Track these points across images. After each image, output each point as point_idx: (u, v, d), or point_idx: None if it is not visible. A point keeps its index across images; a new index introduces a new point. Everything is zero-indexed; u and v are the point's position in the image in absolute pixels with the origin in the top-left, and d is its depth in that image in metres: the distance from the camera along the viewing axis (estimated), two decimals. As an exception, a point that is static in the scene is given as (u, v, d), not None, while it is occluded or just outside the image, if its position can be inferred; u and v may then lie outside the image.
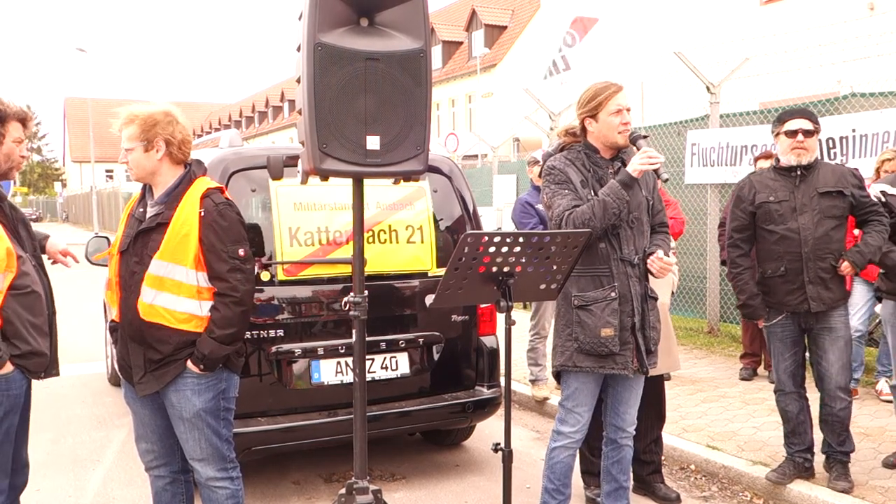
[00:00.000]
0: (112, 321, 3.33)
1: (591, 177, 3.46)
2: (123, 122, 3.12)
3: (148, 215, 3.14)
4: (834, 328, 4.15)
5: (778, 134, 4.17)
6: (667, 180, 3.48)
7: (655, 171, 3.40)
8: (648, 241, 3.57)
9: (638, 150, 3.39)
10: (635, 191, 3.47)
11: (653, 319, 3.54)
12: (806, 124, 4.11)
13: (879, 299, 4.60)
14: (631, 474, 3.78)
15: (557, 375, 3.63)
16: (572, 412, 3.57)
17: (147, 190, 3.23)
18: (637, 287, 3.47)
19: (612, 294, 3.41)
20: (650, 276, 3.78)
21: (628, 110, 3.46)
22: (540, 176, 3.74)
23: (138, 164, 3.12)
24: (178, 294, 3.06)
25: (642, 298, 3.50)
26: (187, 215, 3.05)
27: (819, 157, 4.25)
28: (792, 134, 4.11)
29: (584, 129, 3.53)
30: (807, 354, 4.33)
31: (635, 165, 3.34)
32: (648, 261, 3.49)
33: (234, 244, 3.10)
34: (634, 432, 3.71)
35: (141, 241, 3.10)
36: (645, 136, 3.46)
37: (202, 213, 3.06)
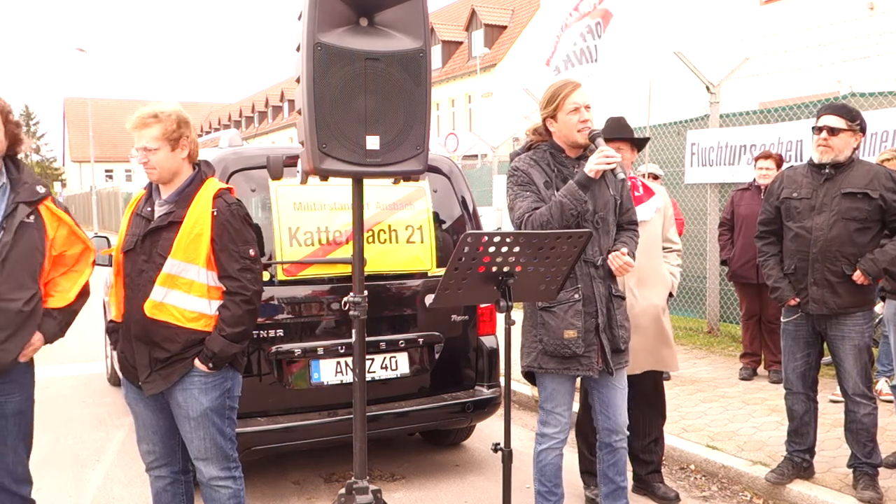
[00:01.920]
0: (111, 321, 3.32)
1: (555, 177, 3.44)
2: (144, 122, 3.08)
3: (157, 214, 3.14)
4: (847, 336, 4.04)
5: (813, 127, 4.08)
6: (623, 180, 3.42)
7: (612, 170, 3.34)
8: (612, 240, 3.53)
9: (597, 148, 3.35)
10: (602, 190, 3.45)
11: (620, 318, 3.52)
12: (833, 121, 3.97)
13: (883, 298, 4.58)
14: (629, 474, 3.77)
15: (527, 375, 3.64)
16: (552, 413, 3.57)
17: (154, 189, 3.22)
18: (601, 288, 3.45)
19: (576, 296, 3.41)
20: (640, 276, 3.76)
21: (587, 108, 3.41)
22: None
23: (163, 165, 3.11)
24: (189, 293, 3.07)
25: (607, 299, 3.48)
26: (200, 214, 3.07)
27: (856, 157, 4.07)
28: (818, 130, 4.02)
29: (548, 131, 3.52)
30: (825, 358, 4.27)
31: (591, 165, 3.30)
32: (609, 257, 3.46)
33: (244, 244, 3.15)
34: (628, 433, 3.69)
35: (150, 240, 3.11)
36: (600, 134, 3.40)
37: (215, 213, 3.09)
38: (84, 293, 3.31)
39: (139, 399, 3.25)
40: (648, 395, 4.29)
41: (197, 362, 3.12)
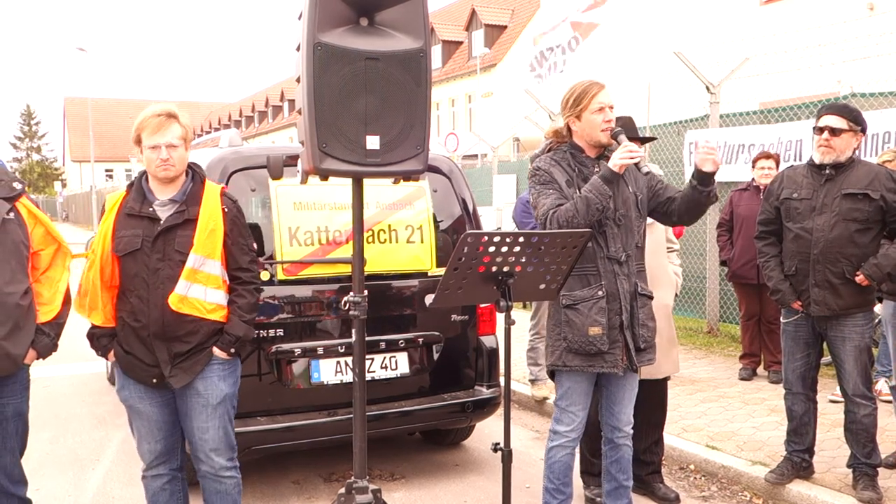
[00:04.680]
0: (97, 328, 3.25)
1: (576, 176, 3.46)
2: (167, 120, 3.17)
3: (165, 214, 3.20)
4: (847, 337, 4.02)
5: (814, 128, 4.05)
6: (648, 174, 3.45)
7: (636, 164, 3.36)
8: (639, 237, 3.55)
9: (619, 144, 3.38)
10: (621, 187, 3.46)
11: (643, 317, 3.53)
12: (835, 122, 3.94)
13: (880, 299, 4.57)
14: (631, 473, 3.78)
15: (552, 374, 3.65)
16: (566, 411, 3.58)
17: (147, 190, 3.24)
18: (625, 285, 3.46)
19: (600, 293, 3.42)
20: (650, 276, 3.77)
21: (611, 108, 3.45)
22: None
23: (182, 161, 3.23)
24: (207, 285, 3.19)
25: (631, 296, 3.48)
26: (212, 211, 3.21)
27: (856, 157, 4.04)
28: (819, 131, 3.99)
29: (569, 130, 3.55)
30: (825, 359, 4.26)
31: (615, 160, 3.33)
32: (698, 146, 3.37)
33: (250, 238, 3.40)
34: (631, 431, 3.70)
35: (163, 239, 3.17)
36: (622, 132, 3.44)
37: (225, 210, 3.26)
38: (67, 301, 3.32)
39: (144, 397, 3.28)
40: (653, 398, 4.30)
41: (216, 350, 3.26)
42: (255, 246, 3.41)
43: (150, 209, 3.21)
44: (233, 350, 3.28)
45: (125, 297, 3.21)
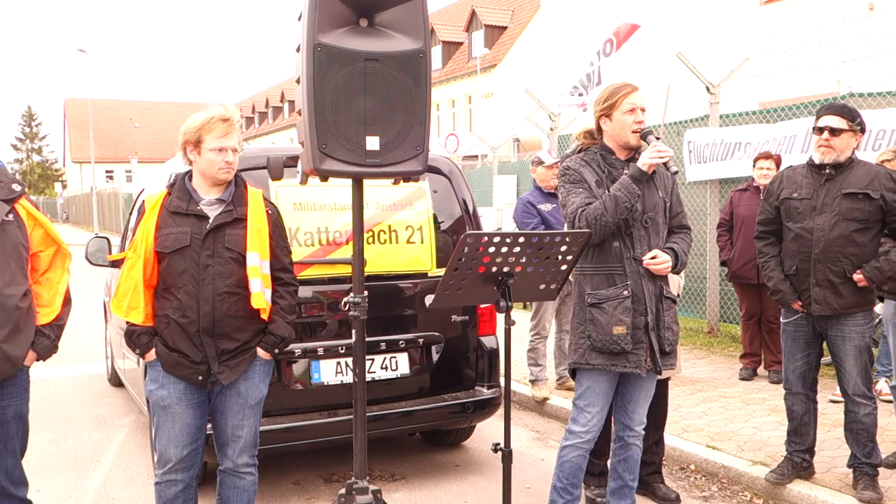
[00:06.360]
0: (136, 326, 3.23)
1: (605, 177, 3.49)
2: (232, 125, 3.26)
3: (214, 213, 3.25)
4: (847, 336, 4.03)
5: (813, 128, 4.06)
6: (676, 173, 3.50)
7: (665, 164, 3.42)
8: (663, 241, 3.57)
9: (648, 145, 3.42)
10: (651, 190, 3.49)
11: (668, 320, 3.54)
12: (835, 122, 3.95)
13: (881, 299, 4.57)
14: (637, 474, 3.79)
15: (573, 373, 3.66)
16: (584, 411, 3.58)
17: (192, 190, 3.28)
18: (650, 287, 3.48)
19: (625, 292, 3.43)
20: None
21: (643, 110, 3.48)
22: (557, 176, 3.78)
23: (235, 165, 3.30)
24: (263, 284, 3.24)
25: (657, 298, 3.50)
26: (258, 213, 3.29)
27: (855, 157, 4.05)
28: (819, 131, 4.00)
29: (600, 130, 3.58)
30: (825, 359, 4.25)
31: (645, 160, 3.38)
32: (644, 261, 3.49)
33: (287, 241, 3.48)
34: (643, 432, 3.71)
35: (212, 236, 3.22)
36: (657, 137, 3.47)
37: (269, 213, 3.35)
38: (67, 301, 3.32)
39: (182, 398, 3.26)
40: (654, 398, 4.29)
41: (260, 351, 3.31)
42: (290, 249, 3.49)
43: (198, 207, 3.25)
44: (276, 351, 3.35)
45: (170, 295, 3.21)
